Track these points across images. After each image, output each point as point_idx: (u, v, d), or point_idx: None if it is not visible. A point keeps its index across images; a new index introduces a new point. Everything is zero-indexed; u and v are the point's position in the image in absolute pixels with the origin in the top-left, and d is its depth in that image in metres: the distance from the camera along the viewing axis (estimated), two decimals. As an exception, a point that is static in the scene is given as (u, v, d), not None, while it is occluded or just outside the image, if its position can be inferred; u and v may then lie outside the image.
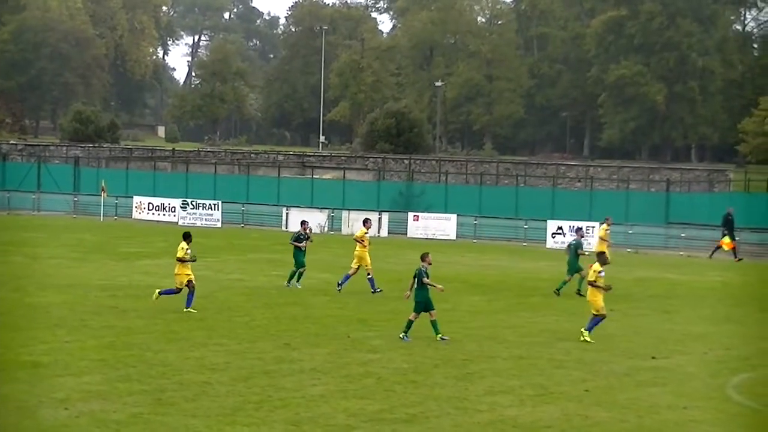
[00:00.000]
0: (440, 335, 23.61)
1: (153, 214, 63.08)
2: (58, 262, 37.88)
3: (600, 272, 24.24)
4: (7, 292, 29.36)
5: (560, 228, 54.68)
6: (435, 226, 57.54)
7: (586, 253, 32.70)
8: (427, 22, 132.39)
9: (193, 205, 62.10)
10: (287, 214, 60.41)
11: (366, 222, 33.37)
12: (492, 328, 25.76)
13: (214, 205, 61.74)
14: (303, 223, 33.82)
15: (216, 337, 23.12)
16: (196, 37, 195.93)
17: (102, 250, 43.02)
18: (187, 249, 27.01)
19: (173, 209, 62.59)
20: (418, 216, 58.09)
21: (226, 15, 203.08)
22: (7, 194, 66.90)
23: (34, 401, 16.84)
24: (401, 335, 23.60)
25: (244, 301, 29.01)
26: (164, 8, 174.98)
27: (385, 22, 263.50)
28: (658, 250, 52.64)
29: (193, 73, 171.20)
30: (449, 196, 63.39)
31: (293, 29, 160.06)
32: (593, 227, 53.75)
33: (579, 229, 37.82)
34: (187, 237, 27.45)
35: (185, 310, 26.50)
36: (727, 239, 48.73)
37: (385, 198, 64.07)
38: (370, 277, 31.60)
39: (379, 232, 57.60)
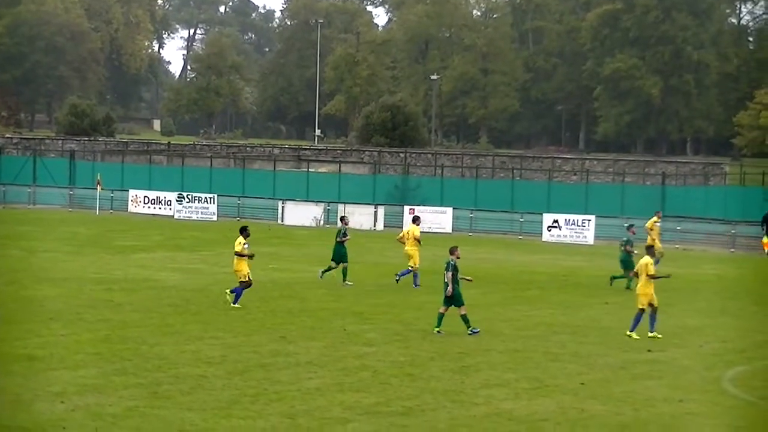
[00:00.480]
0: (438, 329, 23.63)
1: (149, 207, 63.07)
2: (53, 256, 37.84)
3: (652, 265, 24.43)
4: (3, 285, 29.32)
5: (556, 221, 54.72)
6: (431, 219, 57.45)
7: (635, 252, 32.51)
8: (423, 15, 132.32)
9: (189, 198, 62.07)
10: (283, 207, 60.42)
11: (416, 220, 33.79)
12: (488, 321, 25.73)
13: (210, 198, 61.74)
14: (343, 218, 34.76)
15: (212, 331, 23.09)
16: (192, 31, 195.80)
17: (97, 244, 43.00)
18: (244, 243, 26.62)
19: (169, 202, 62.57)
20: (413, 209, 58.02)
21: (222, 8, 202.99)
22: (2, 188, 66.89)
23: (29, 395, 16.79)
24: (469, 331, 23.44)
25: (239, 295, 28.97)
26: (159, 1, 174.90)
27: (380, 16, 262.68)
28: (653, 243, 52.56)
29: (189, 67, 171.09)
30: (445, 190, 63.37)
31: (288, 23, 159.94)
32: (589, 220, 53.94)
33: (631, 225, 35.48)
34: (243, 231, 26.97)
35: (233, 304, 26.23)
36: (765, 239, 48.62)
37: (380, 191, 64.06)
38: (410, 271, 31.98)
39: (375, 226, 57.69)
